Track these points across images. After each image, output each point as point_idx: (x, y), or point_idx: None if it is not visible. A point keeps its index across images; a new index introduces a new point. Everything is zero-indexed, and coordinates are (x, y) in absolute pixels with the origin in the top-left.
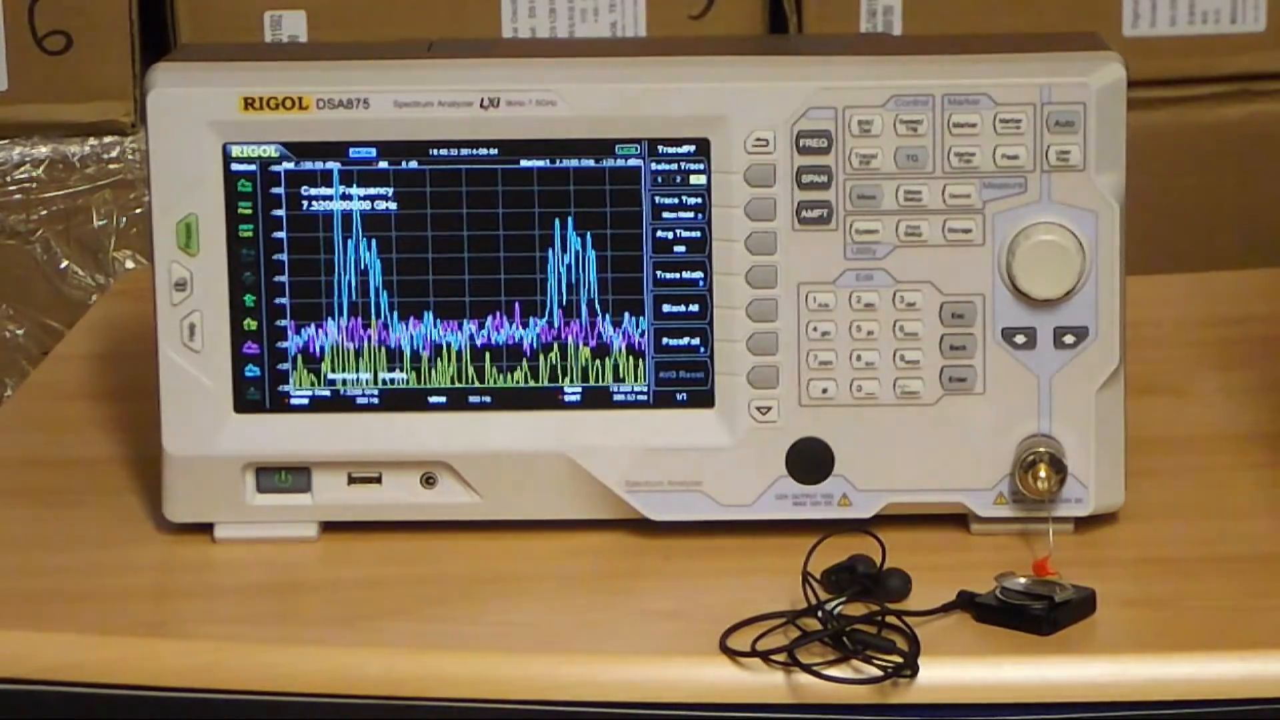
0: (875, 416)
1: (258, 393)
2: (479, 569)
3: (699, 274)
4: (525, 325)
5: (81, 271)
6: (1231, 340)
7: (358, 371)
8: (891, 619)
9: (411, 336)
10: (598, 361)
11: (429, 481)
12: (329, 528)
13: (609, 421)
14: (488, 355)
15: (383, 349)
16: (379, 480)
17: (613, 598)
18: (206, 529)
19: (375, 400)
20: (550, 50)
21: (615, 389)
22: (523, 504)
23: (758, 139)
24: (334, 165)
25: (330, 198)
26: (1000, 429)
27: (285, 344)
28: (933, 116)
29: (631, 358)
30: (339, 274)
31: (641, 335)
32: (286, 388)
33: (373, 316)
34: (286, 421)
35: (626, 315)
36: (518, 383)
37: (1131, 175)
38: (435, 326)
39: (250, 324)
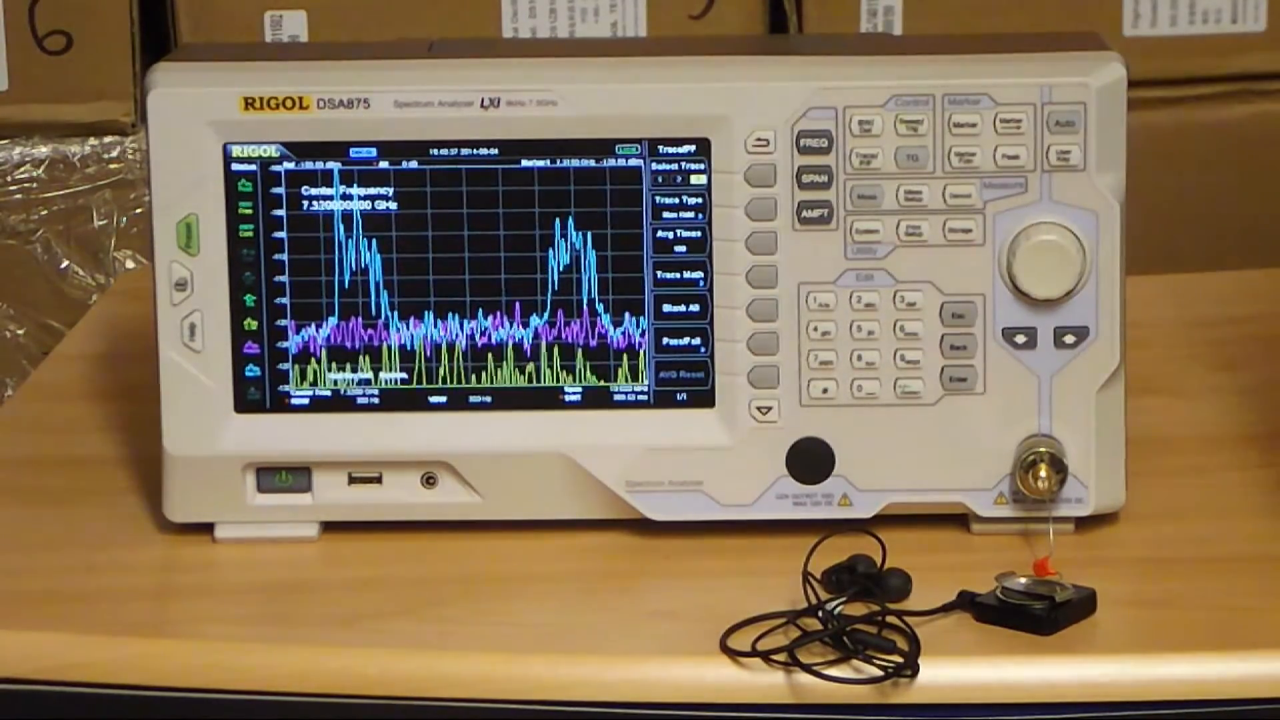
0: (875, 416)
1: (258, 393)
2: (479, 569)
3: (699, 274)
4: (525, 325)
5: (82, 271)
6: (1231, 340)
7: (358, 371)
8: (892, 619)
9: (412, 336)
10: (598, 361)
11: (429, 481)
12: (329, 528)
13: (609, 421)
14: (488, 355)
15: (383, 349)
16: (379, 480)
17: (613, 598)
18: (207, 529)
19: (375, 400)
20: (551, 50)
21: (615, 389)
22: (523, 504)
23: (758, 139)
24: (334, 165)
25: (330, 198)
26: (1001, 429)
27: (285, 344)
28: (933, 116)
29: (632, 358)
30: (339, 274)
31: (642, 335)
32: (287, 387)
33: (373, 316)
34: (287, 421)
35: (627, 315)
36: (518, 383)
37: (1131, 175)
38: (435, 326)
39: (250, 324)
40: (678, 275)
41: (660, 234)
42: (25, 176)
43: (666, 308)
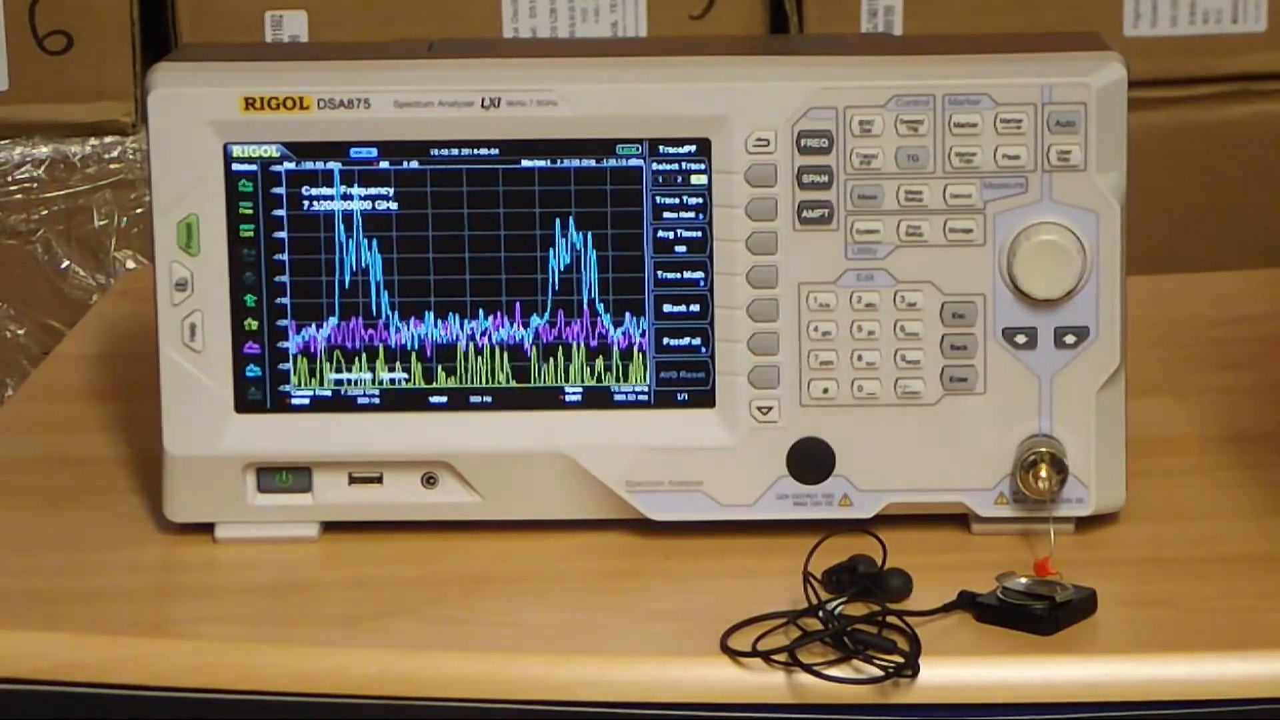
0: (876, 416)
1: (259, 393)
2: (479, 569)
3: (700, 274)
4: (526, 325)
5: (82, 271)
6: (1231, 340)
7: (358, 371)
8: (892, 619)
9: (412, 336)
10: (598, 361)
11: (429, 481)
12: (330, 528)
13: (609, 421)
14: (488, 355)
15: (383, 349)
16: (380, 480)
17: (613, 598)
18: (207, 529)
19: (376, 400)
20: (551, 50)
21: (616, 389)
22: (523, 504)
23: (758, 139)
24: (335, 165)
25: (331, 198)
26: (1001, 429)
27: (286, 344)
28: (933, 116)
29: (632, 357)
30: (340, 274)
31: (642, 335)
32: (287, 388)
33: (374, 316)
34: (287, 421)
35: (627, 315)
36: (518, 383)
37: (1131, 175)
38: (436, 326)
39: (251, 324)
40: (678, 275)
41: (660, 234)
42: (25, 176)
43: (667, 308)
